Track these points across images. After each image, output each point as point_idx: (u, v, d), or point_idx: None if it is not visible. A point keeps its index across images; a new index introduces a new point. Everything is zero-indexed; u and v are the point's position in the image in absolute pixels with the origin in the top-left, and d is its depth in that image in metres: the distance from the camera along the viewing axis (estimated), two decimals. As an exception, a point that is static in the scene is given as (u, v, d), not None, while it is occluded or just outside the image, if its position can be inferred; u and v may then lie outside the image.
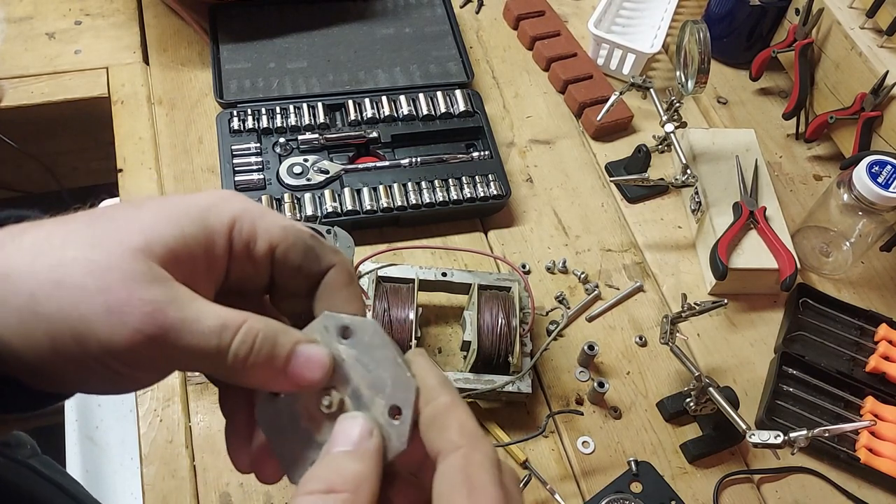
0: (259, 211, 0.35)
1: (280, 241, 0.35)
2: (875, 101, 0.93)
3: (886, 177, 0.81)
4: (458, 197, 0.88)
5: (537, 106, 1.04)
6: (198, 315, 0.32)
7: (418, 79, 0.99)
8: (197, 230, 0.33)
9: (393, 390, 0.34)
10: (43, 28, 1.02)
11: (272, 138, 0.91)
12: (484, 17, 1.14)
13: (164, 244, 0.32)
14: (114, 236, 0.32)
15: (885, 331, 0.86)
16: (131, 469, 0.86)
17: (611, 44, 1.04)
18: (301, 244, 0.36)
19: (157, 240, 0.32)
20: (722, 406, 0.71)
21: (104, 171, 1.00)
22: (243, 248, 0.35)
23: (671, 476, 0.76)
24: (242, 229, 0.35)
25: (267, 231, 0.35)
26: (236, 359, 0.32)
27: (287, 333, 0.34)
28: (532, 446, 0.76)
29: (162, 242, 0.32)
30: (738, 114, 1.08)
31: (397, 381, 0.34)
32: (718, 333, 0.87)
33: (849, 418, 0.81)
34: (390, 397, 0.33)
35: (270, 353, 0.33)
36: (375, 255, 0.82)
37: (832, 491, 0.77)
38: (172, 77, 0.99)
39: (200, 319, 0.32)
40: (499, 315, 0.75)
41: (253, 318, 0.33)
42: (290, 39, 1.01)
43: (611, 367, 0.82)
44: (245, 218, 0.35)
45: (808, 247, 0.94)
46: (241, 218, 0.35)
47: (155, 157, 0.92)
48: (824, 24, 1.01)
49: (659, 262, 0.91)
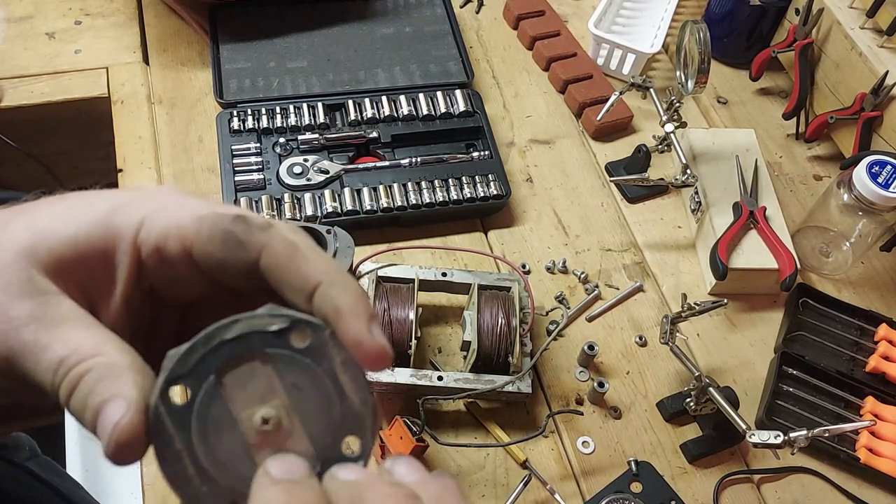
0: (175, 206, 0.31)
1: (194, 236, 0.30)
2: (875, 101, 0.93)
3: (886, 177, 0.81)
4: (458, 197, 0.88)
5: (537, 106, 1.04)
6: (49, 342, 0.28)
7: (418, 79, 0.99)
8: (94, 232, 0.30)
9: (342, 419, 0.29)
10: (43, 28, 1.02)
11: (272, 138, 0.91)
12: (484, 16, 1.14)
13: (51, 249, 0.29)
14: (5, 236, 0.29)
15: (885, 331, 0.86)
16: (131, 469, 0.86)
17: (611, 44, 1.04)
18: (218, 233, 0.30)
19: (44, 243, 0.29)
20: (722, 406, 0.71)
21: (104, 171, 1.00)
22: (153, 250, 0.30)
23: (671, 476, 0.76)
24: (151, 230, 0.30)
25: (178, 227, 0.30)
26: (64, 401, 0.28)
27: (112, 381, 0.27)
28: (532, 446, 0.76)
29: (48, 247, 0.29)
30: (738, 114, 1.08)
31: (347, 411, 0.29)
32: (718, 333, 0.87)
33: (849, 418, 0.81)
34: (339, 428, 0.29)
35: (83, 403, 0.27)
36: (375, 255, 0.82)
37: (832, 491, 0.77)
38: (172, 77, 0.99)
39: (48, 347, 0.28)
40: (499, 315, 0.75)
41: (101, 357, 0.28)
42: (290, 39, 1.01)
43: (611, 367, 0.82)
44: (156, 217, 0.30)
45: (808, 247, 0.94)
46: (152, 217, 0.30)
47: (155, 157, 0.92)
48: (824, 24, 1.01)
49: (659, 262, 0.91)
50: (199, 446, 0.28)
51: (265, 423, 0.28)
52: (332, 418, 0.29)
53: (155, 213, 0.30)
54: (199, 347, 0.28)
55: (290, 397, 0.29)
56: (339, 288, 0.29)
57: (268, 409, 0.29)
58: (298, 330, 0.29)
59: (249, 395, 0.29)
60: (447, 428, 0.76)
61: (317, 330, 0.29)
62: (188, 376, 0.28)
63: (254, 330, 0.29)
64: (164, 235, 0.30)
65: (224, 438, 0.28)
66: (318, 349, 0.29)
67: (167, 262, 0.30)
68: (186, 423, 0.28)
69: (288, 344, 0.29)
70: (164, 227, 0.30)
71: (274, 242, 0.29)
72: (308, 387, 0.29)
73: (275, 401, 0.29)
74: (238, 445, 0.28)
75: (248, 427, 0.28)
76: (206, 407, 0.28)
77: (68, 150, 1.10)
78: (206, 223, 0.30)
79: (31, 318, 0.28)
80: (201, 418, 0.28)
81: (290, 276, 0.29)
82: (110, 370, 0.28)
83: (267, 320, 0.29)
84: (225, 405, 0.28)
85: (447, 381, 0.73)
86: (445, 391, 0.73)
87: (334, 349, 0.29)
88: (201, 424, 0.28)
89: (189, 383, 0.28)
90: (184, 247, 0.30)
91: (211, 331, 0.29)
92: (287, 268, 0.29)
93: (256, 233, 0.29)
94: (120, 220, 0.30)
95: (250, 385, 0.29)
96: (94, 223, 0.30)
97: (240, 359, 0.29)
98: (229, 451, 0.28)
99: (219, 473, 0.28)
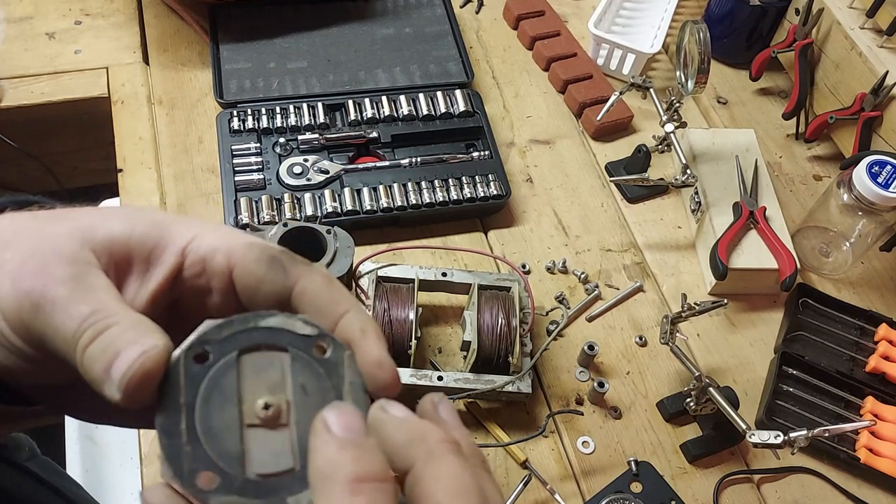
0: (227, 230, 0.35)
1: (241, 256, 0.34)
2: (875, 101, 0.93)
3: (886, 177, 0.81)
4: (458, 197, 0.88)
5: (537, 106, 1.04)
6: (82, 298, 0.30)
7: (418, 79, 0.99)
8: (150, 232, 0.33)
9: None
10: (43, 28, 1.02)
11: (272, 138, 0.91)
12: (484, 17, 1.14)
13: (107, 234, 0.33)
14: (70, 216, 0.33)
15: (885, 331, 0.86)
16: (131, 469, 0.86)
17: (611, 44, 1.04)
18: (266, 257, 0.33)
19: (102, 228, 0.33)
20: (722, 406, 0.71)
21: (104, 171, 1.00)
22: (198, 260, 0.34)
23: (671, 476, 0.76)
24: (203, 242, 0.34)
25: (229, 246, 0.34)
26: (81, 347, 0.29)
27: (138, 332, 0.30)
28: (532, 446, 0.76)
29: (105, 232, 0.33)
30: (738, 114, 1.08)
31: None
32: (718, 333, 0.87)
33: (849, 418, 0.81)
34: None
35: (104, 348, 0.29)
36: (375, 255, 0.82)
37: (832, 491, 0.77)
38: (172, 77, 0.99)
39: (80, 301, 0.30)
40: (499, 315, 0.75)
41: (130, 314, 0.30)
42: (290, 39, 1.01)
43: (611, 367, 0.82)
44: (209, 234, 0.34)
45: (808, 247, 0.94)
46: (205, 233, 0.34)
47: (155, 157, 0.92)
48: (824, 24, 1.01)
49: (659, 262, 0.91)
50: (199, 408, 0.30)
51: (266, 409, 0.30)
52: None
53: (207, 232, 0.34)
54: (236, 324, 0.31)
55: (295, 395, 0.31)
56: (365, 315, 0.33)
57: (273, 398, 0.30)
58: (323, 341, 0.32)
59: (260, 381, 0.31)
60: (447, 428, 0.76)
61: (338, 348, 0.32)
62: (216, 343, 0.31)
63: (286, 327, 0.31)
64: (214, 250, 0.34)
65: (224, 411, 0.30)
66: (334, 364, 0.31)
67: (206, 274, 0.34)
68: (197, 383, 0.30)
69: (310, 350, 0.31)
70: (216, 243, 0.34)
71: (314, 273, 0.34)
72: (314, 393, 0.31)
73: (281, 394, 0.30)
74: (233, 421, 0.30)
75: (248, 408, 0.30)
76: (220, 376, 0.30)
77: (68, 150, 1.10)
78: (256, 248, 0.34)
79: (71, 277, 0.30)
80: (211, 384, 0.30)
81: (324, 300, 0.33)
82: (139, 324, 0.30)
83: (300, 324, 0.32)
84: (236, 381, 0.30)
85: (447, 381, 0.73)
86: (445, 391, 0.73)
87: (348, 370, 0.32)
88: (208, 390, 0.30)
89: (214, 350, 0.31)
90: (228, 263, 0.33)
91: (250, 314, 0.31)
92: (322, 293, 0.33)
93: (299, 264, 0.34)
94: (175, 228, 0.34)
95: (265, 372, 0.31)
96: (152, 225, 0.34)
97: (264, 347, 0.31)
98: (224, 423, 0.30)
99: (206, 440, 0.29)
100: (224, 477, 0.29)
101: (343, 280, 0.71)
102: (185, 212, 0.88)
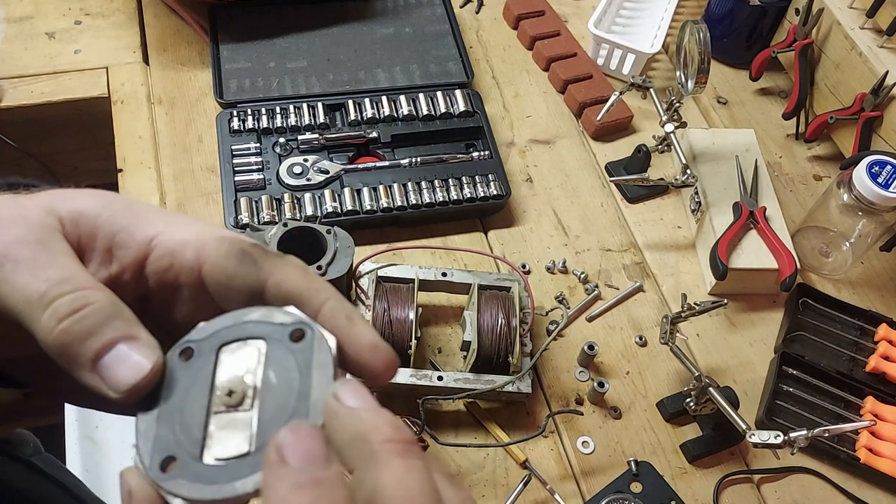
0: (199, 225, 0.34)
1: (212, 250, 0.32)
2: (875, 101, 0.93)
3: (886, 177, 0.81)
4: (458, 197, 0.88)
5: (537, 106, 1.04)
6: (49, 261, 0.29)
7: (418, 79, 0.99)
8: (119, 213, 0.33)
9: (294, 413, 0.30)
10: (43, 28, 1.02)
11: (272, 138, 0.91)
12: (484, 16, 1.14)
13: (72, 209, 0.32)
14: (42, 191, 0.33)
15: (885, 331, 0.86)
16: (131, 469, 0.86)
17: (611, 44, 1.04)
18: (236, 251, 0.32)
19: (67, 204, 0.32)
20: (722, 406, 0.71)
21: (104, 171, 1.00)
22: (166, 253, 0.33)
23: (671, 476, 0.76)
24: (173, 235, 0.33)
25: (198, 240, 0.33)
26: (52, 315, 0.28)
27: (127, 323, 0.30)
28: (532, 446, 0.76)
29: (76, 204, 0.32)
30: (738, 114, 1.08)
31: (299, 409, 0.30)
32: (718, 333, 0.87)
33: (849, 418, 0.81)
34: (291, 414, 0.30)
35: (89, 330, 0.29)
36: (375, 255, 0.82)
37: (832, 491, 0.77)
38: (172, 77, 0.99)
39: (48, 265, 0.29)
40: (499, 315, 0.75)
41: (103, 293, 0.30)
42: (290, 39, 1.01)
43: (611, 367, 0.82)
44: (178, 227, 0.33)
45: (808, 247, 0.94)
46: (174, 226, 0.33)
47: (155, 157, 0.92)
48: (824, 24, 1.01)
49: (659, 262, 0.91)
50: (175, 399, 0.31)
51: (229, 396, 0.30)
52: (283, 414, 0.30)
53: (178, 225, 0.33)
54: (221, 320, 0.32)
55: (264, 382, 0.31)
56: (347, 303, 0.32)
57: (238, 384, 0.30)
58: (300, 328, 0.31)
59: (232, 370, 0.31)
60: (447, 428, 0.76)
61: (313, 333, 0.31)
62: (201, 340, 0.32)
63: (266, 319, 0.32)
64: (183, 243, 0.32)
65: (196, 400, 0.30)
66: (308, 350, 0.31)
67: (174, 268, 0.33)
68: (178, 377, 0.31)
69: (285, 338, 0.31)
70: (186, 236, 0.33)
71: (287, 266, 0.32)
72: (282, 378, 0.30)
73: (250, 380, 0.31)
74: (202, 409, 0.30)
75: (217, 396, 0.31)
76: (199, 369, 0.31)
77: (68, 150, 1.10)
78: (226, 242, 0.32)
79: (35, 239, 0.30)
80: (191, 377, 0.31)
81: (302, 291, 0.32)
82: (121, 311, 0.30)
83: (279, 314, 0.32)
84: (212, 372, 0.31)
85: (447, 381, 0.73)
86: (445, 391, 0.73)
87: (317, 353, 0.31)
88: (187, 382, 0.31)
89: (197, 346, 0.32)
90: (198, 258, 0.32)
91: (238, 311, 0.32)
92: (299, 284, 0.32)
93: (272, 257, 0.32)
94: (148, 217, 0.33)
95: (240, 362, 0.31)
96: (125, 209, 0.33)
97: (244, 338, 0.32)
98: (192, 411, 0.30)
99: (177, 428, 0.30)
100: (182, 462, 0.29)
101: (343, 280, 0.71)
102: (184, 212, 0.88)
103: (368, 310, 0.74)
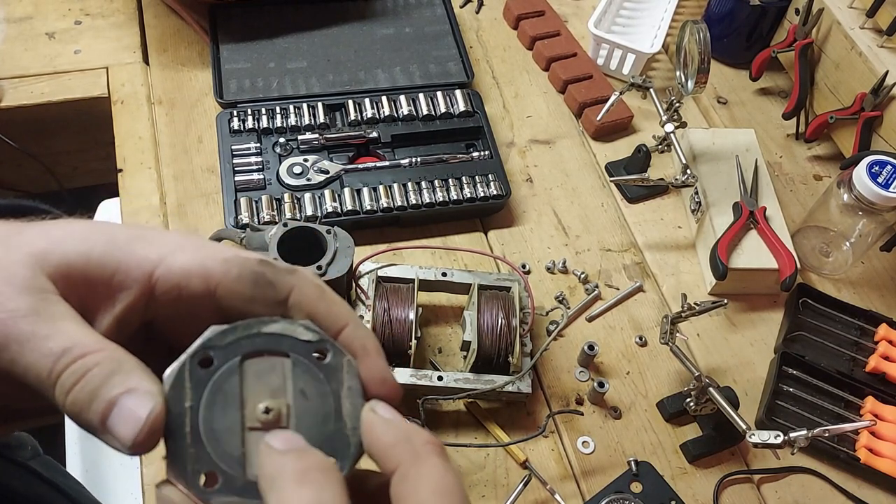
0: (193, 247, 0.33)
1: (221, 276, 0.32)
2: (875, 101, 0.93)
3: (886, 177, 0.81)
4: (458, 197, 0.88)
5: (537, 106, 1.04)
6: (49, 333, 0.29)
7: (418, 79, 0.99)
8: (110, 253, 0.32)
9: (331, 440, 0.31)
10: (43, 28, 1.02)
11: (272, 138, 0.91)
12: (484, 17, 1.14)
13: (62, 257, 0.31)
14: (21, 239, 0.31)
15: (885, 331, 0.86)
16: (131, 469, 0.86)
17: (611, 44, 1.04)
18: (248, 273, 0.32)
19: (57, 251, 0.31)
20: (722, 406, 0.71)
21: (104, 171, 1.00)
22: (172, 287, 0.32)
23: (671, 476, 0.76)
24: (173, 267, 0.32)
25: (202, 267, 0.32)
26: (61, 390, 0.29)
27: (126, 376, 0.29)
28: (532, 446, 0.76)
29: (60, 255, 0.31)
30: (738, 114, 1.08)
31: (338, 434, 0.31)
32: (718, 333, 0.87)
33: (849, 418, 0.81)
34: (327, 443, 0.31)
35: (92, 395, 0.29)
36: (375, 255, 0.82)
37: (832, 491, 0.77)
38: (172, 77, 0.99)
39: (49, 338, 0.29)
40: (499, 315, 0.75)
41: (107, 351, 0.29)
42: (290, 39, 1.01)
43: (611, 367, 0.82)
44: (177, 256, 0.32)
45: (808, 247, 0.94)
46: (172, 255, 0.32)
47: (155, 157, 0.92)
48: (824, 24, 1.01)
49: (659, 262, 0.91)
50: (203, 412, 0.30)
51: (267, 413, 0.31)
52: (323, 432, 0.31)
53: (175, 252, 0.32)
54: (239, 330, 0.32)
55: (295, 400, 0.31)
56: (365, 331, 0.34)
57: (273, 402, 0.31)
58: (323, 347, 0.32)
59: (262, 385, 0.31)
60: (447, 428, 0.76)
61: (338, 354, 0.32)
62: (220, 349, 0.31)
63: (288, 333, 0.32)
64: (187, 274, 0.32)
65: (227, 414, 0.31)
66: (334, 370, 0.32)
67: (185, 299, 0.32)
68: (201, 387, 0.31)
69: (310, 355, 0.32)
70: (187, 266, 0.32)
71: (303, 284, 0.33)
72: (313, 397, 0.32)
73: (281, 398, 0.31)
74: (236, 424, 0.31)
75: (250, 411, 0.31)
76: (223, 381, 0.31)
77: (68, 150, 1.10)
78: (233, 265, 0.33)
79: (31, 310, 0.29)
80: (215, 388, 0.31)
81: (320, 313, 0.33)
82: (121, 365, 0.29)
83: (301, 330, 0.32)
84: (239, 386, 0.31)
85: (447, 381, 0.73)
86: (445, 391, 0.73)
87: (347, 375, 0.32)
88: (212, 394, 0.31)
89: (218, 355, 0.31)
90: (208, 286, 0.32)
91: (253, 321, 0.32)
92: (317, 306, 0.33)
93: (284, 274, 0.33)
94: (139, 249, 0.32)
95: (266, 377, 0.32)
96: (111, 246, 0.32)
97: (267, 352, 0.32)
98: (226, 426, 0.30)
99: (209, 441, 0.30)
100: (226, 478, 0.30)
101: (343, 280, 0.71)
102: (184, 212, 0.88)
103: (368, 310, 0.74)
